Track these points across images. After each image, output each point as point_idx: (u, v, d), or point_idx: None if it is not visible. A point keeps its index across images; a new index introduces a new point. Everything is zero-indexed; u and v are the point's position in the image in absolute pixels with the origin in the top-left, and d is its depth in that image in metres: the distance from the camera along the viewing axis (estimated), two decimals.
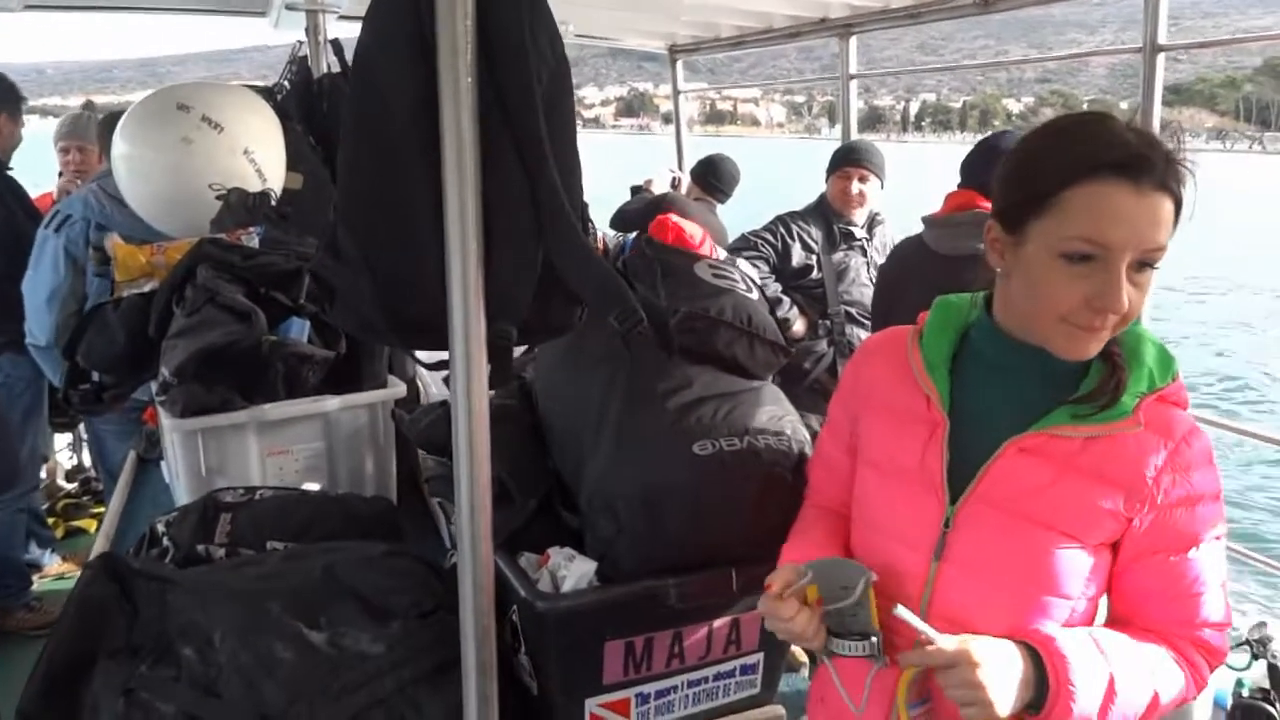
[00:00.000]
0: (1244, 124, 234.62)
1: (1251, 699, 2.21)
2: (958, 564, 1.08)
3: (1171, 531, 1.04)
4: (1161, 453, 1.02)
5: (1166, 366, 1.07)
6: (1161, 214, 0.97)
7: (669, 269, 1.57)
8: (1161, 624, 1.07)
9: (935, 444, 1.11)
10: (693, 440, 1.35)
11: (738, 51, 5.42)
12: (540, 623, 1.33)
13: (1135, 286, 0.99)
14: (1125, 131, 0.99)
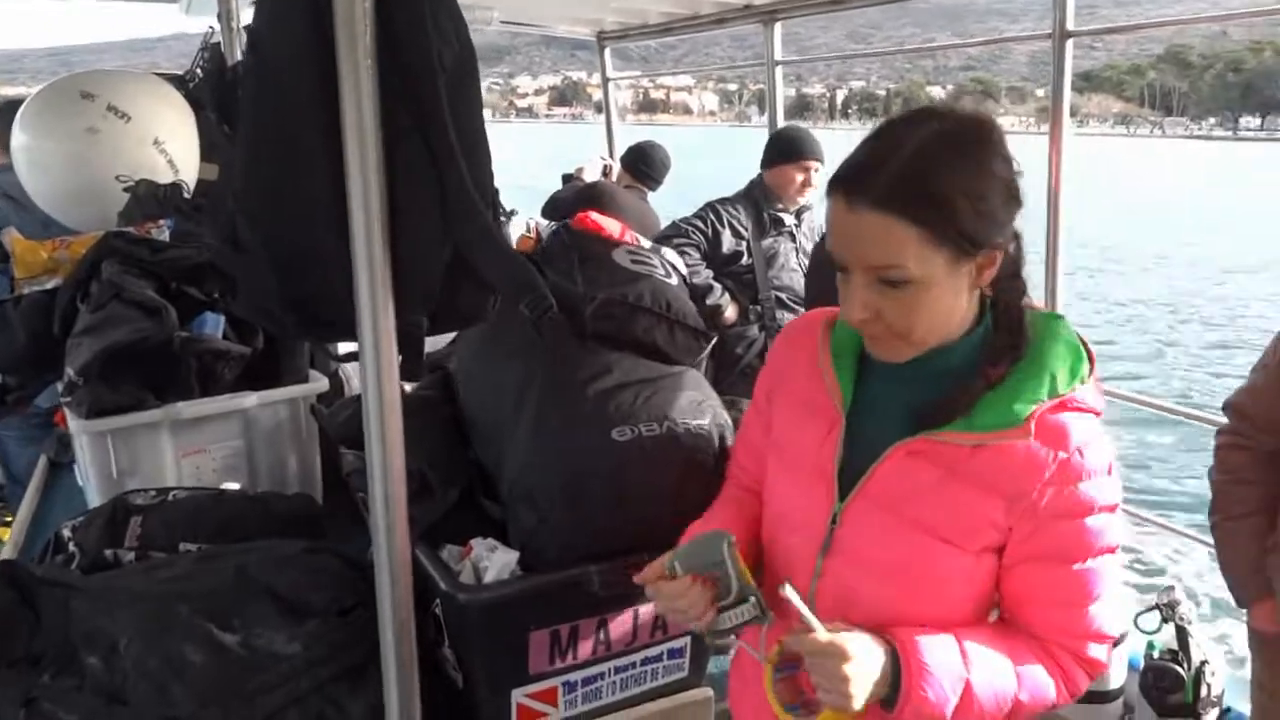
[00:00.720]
0: (1148, 110, 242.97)
1: (1161, 660, 2.30)
2: (843, 560, 1.08)
3: (1054, 542, 1.01)
4: (1050, 464, 0.99)
5: (1074, 369, 1.02)
6: (881, 233, 0.93)
7: (586, 255, 1.56)
8: (1041, 630, 1.05)
9: (831, 440, 1.09)
10: (612, 427, 1.35)
11: (670, 39, 5.41)
12: (462, 615, 1.32)
13: (894, 301, 0.96)
14: (869, 146, 0.97)
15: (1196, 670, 2.27)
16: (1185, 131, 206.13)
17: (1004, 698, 1.01)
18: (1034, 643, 1.05)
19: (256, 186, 1.11)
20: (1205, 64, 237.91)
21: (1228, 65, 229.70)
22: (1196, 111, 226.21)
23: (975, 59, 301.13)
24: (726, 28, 4.79)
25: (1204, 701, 2.27)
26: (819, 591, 1.09)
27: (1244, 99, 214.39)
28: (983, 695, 0.99)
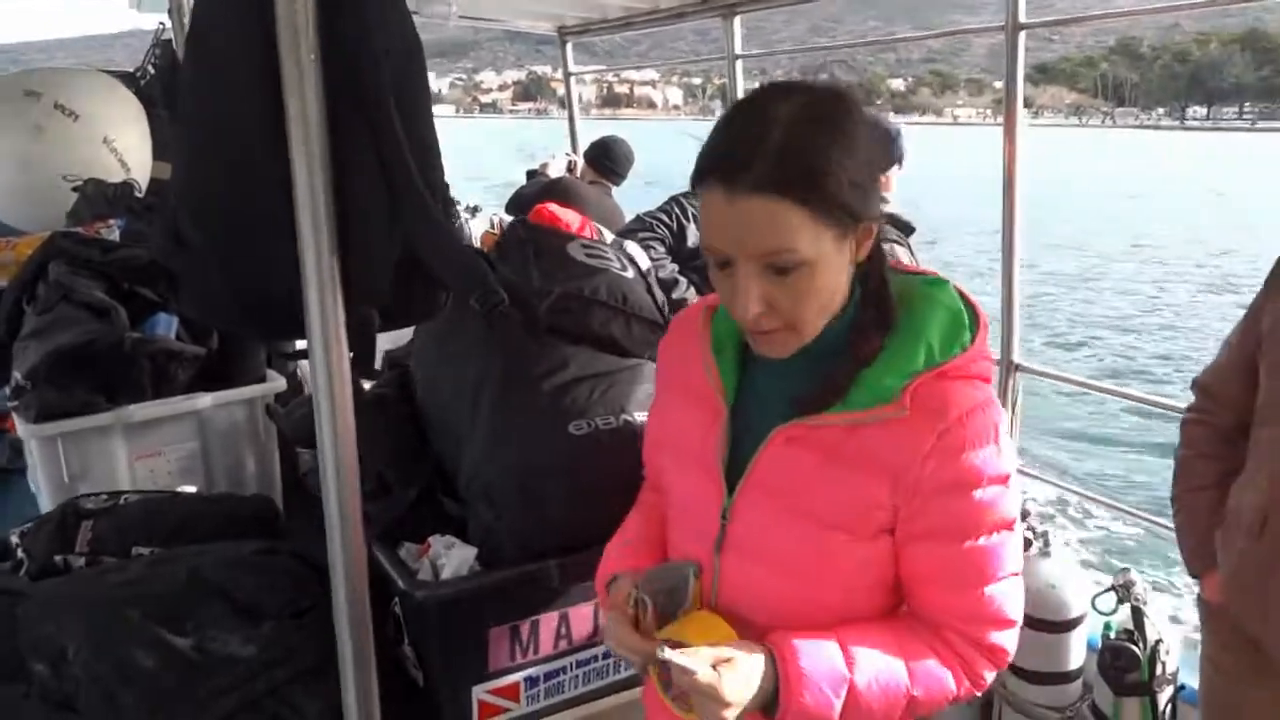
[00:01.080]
0: (1100, 100, 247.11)
1: (1118, 640, 2.34)
2: (738, 554, 1.03)
3: (942, 518, 0.95)
4: (930, 437, 0.93)
5: (953, 337, 0.97)
6: (767, 217, 0.87)
7: (542, 250, 1.55)
8: (937, 615, 0.99)
9: (715, 432, 1.04)
10: (568, 420, 1.34)
11: (632, 33, 5.39)
12: (420, 613, 1.31)
13: (785, 288, 0.91)
14: (736, 126, 0.92)
15: (1152, 649, 2.31)
16: (1135, 121, 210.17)
17: (895, 695, 0.96)
18: (930, 632, 1.00)
19: (198, 182, 1.09)
20: (1155, 55, 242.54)
21: (1175, 57, 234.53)
22: (1146, 102, 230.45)
23: (937, 52, 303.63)
24: (687, 21, 4.79)
25: (1159, 679, 2.32)
26: (720, 588, 1.05)
27: (1190, 90, 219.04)
28: (869, 695, 0.95)
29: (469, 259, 1.10)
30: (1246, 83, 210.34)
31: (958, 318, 0.98)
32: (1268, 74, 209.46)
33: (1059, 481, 4.31)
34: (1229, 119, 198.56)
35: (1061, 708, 2.56)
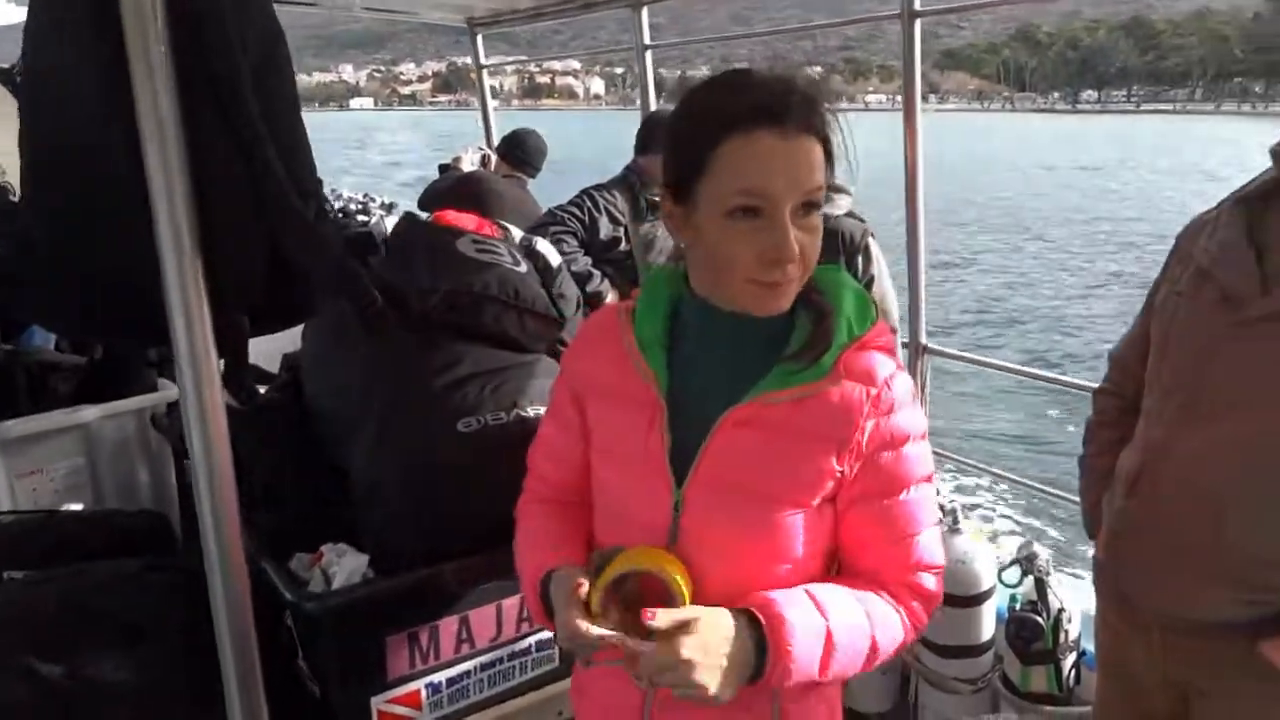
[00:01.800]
0: (1002, 86, 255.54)
1: (1023, 611, 2.41)
2: (692, 547, 1.03)
3: (880, 476, 1.02)
4: (865, 401, 1.01)
5: (864, 313, 1.06)
6: (813, 156, 0.98)
7: (430, 246, 1.52)
8: (878, 569, 1.05)
9: (656, 428, 1.05)
10: (458, 419, 1.32)
11: (554, 23, 5.33)
12: (312, 624, 1.27)
13: (805, 231, 0.99)
14: (763, 80, 0.99)
15: (1055, 618, 2.39)
16: (1032, 105, 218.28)
17: (862, 640, 1.00)
18: (872, 584, 1.05)
19: (43, 181, 1.03)
20: (1051, 42, 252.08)
21: (1068, 43, 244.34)
22: (1043, 87, 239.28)
23: (853, 39, 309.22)
24: (596, 12, 4.76)
25: (1063, 646, 2.40)
26: None
27: (1081, 74, 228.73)
28: (842, 642, 0.98)
29: (339, 259, 1.06)
30: (1132, 67, 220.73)
31: (862, 295, 1.08)
32: (1151, 59, 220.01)
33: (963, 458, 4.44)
34: (1118, 101, 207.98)
35: (974, 679, 2.63)
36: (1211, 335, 1.39)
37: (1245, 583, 1.36)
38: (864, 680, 2.92)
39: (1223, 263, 1.43)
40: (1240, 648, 1.37)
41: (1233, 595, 1.37)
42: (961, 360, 3.56)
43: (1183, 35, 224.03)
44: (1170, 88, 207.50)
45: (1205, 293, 1.42)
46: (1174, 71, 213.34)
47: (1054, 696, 2.44)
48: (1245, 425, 1.33)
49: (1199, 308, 1.42)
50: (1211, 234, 1.47)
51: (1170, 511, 1.44)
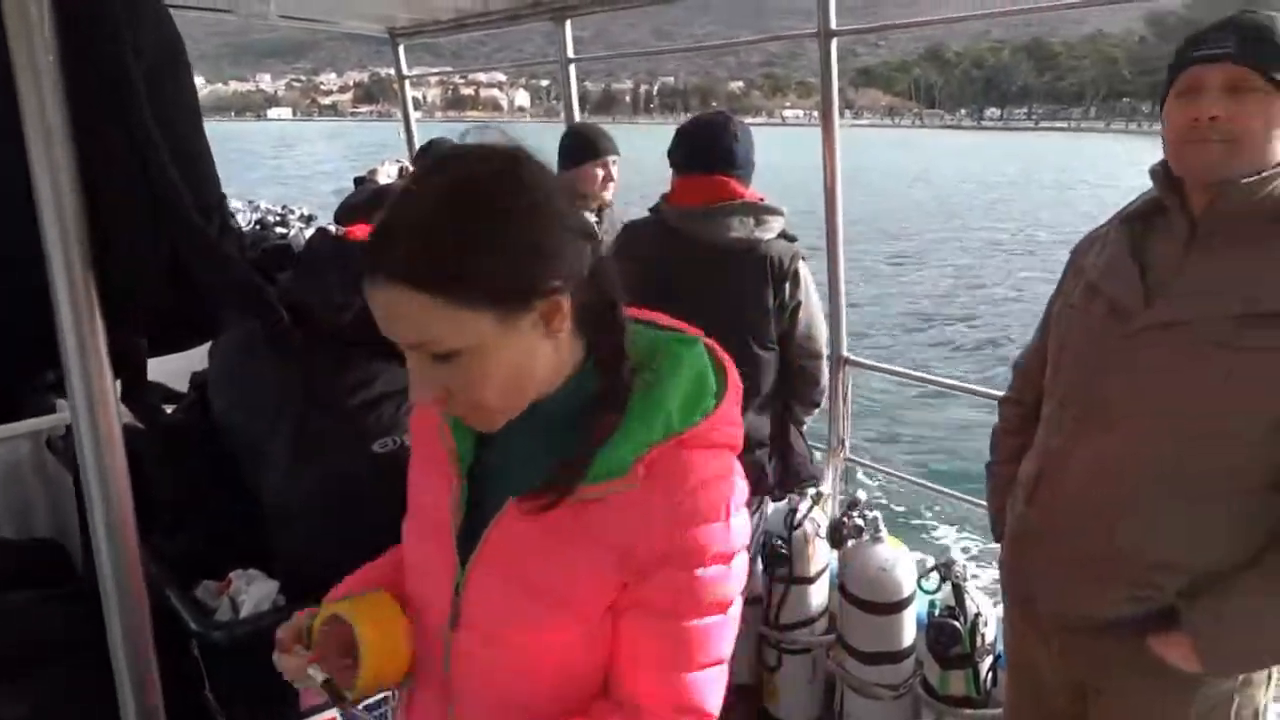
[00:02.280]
0: (912, 102, 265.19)
1: (942, 617, 2.47)
2: (472, 633, 0.96)
3: (661, 592, 0.90)
4: (660, 509, 0.88)
5: (697, 403, 0.92)
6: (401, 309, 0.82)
7: (343, 261, 1.48)
8: (637, 696, 0.93)
9: (447, 501, 0.98)
10: (373, 439, 1.28)
11: (480, 35, 5.28)
12: (218, 655, 1.22)
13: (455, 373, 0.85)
14: (387, 210, 0.84)
15: (972, 623, 2.45)
16: (940, 122, 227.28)
17: None
18: (626, 713, 0.93)
19: None
20: (958, 61, 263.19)
21: (973, 63, 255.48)
22: (951, 104, 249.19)
23: (776, 55, 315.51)
24: (520, 24, 4.75)
25: (980, 650, 2.46)
26: (453, 670, 0.99)
27: (986, 93, 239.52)
28: None
29: (242, 275, 1.03)
30: (1032, 86, 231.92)
31: (702, 381, 0.94)
32: (1049, 79, 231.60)
33: (880, 466, 4.53)
34: (1019, 119, 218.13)
35: (896, 685, 2.68)
36: (1102, 348, 1.46)
37: (1135, 582, 1.42)
38: (790, 689, 2.95)
39: (1110, 277, 1.50)
40: (1130, 646, 1.44)
41: (1123, 594, 1.44)
42: (880, 371, 3.63)
43: (1078, 57, 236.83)
44: (1067, 106, 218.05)
45: (1095, 306, 1.49)
46: (1070, 91, 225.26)
47: (972, 699, 2.50)
48: (1132, 434, 1.40)
49: (1090, 321, 1.49)
50: (1101, 250, 1.55)
51: (1066, 518, 1.51)
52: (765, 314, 2.23)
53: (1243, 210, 1.31)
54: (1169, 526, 1.37)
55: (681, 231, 2.26)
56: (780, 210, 2.30)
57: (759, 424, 2.34)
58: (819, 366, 2.42)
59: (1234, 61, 1.27)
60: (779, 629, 2.88)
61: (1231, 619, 1.33)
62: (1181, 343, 1.33)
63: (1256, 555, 1.33)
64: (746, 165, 2.31)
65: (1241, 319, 1.27)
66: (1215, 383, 1.29)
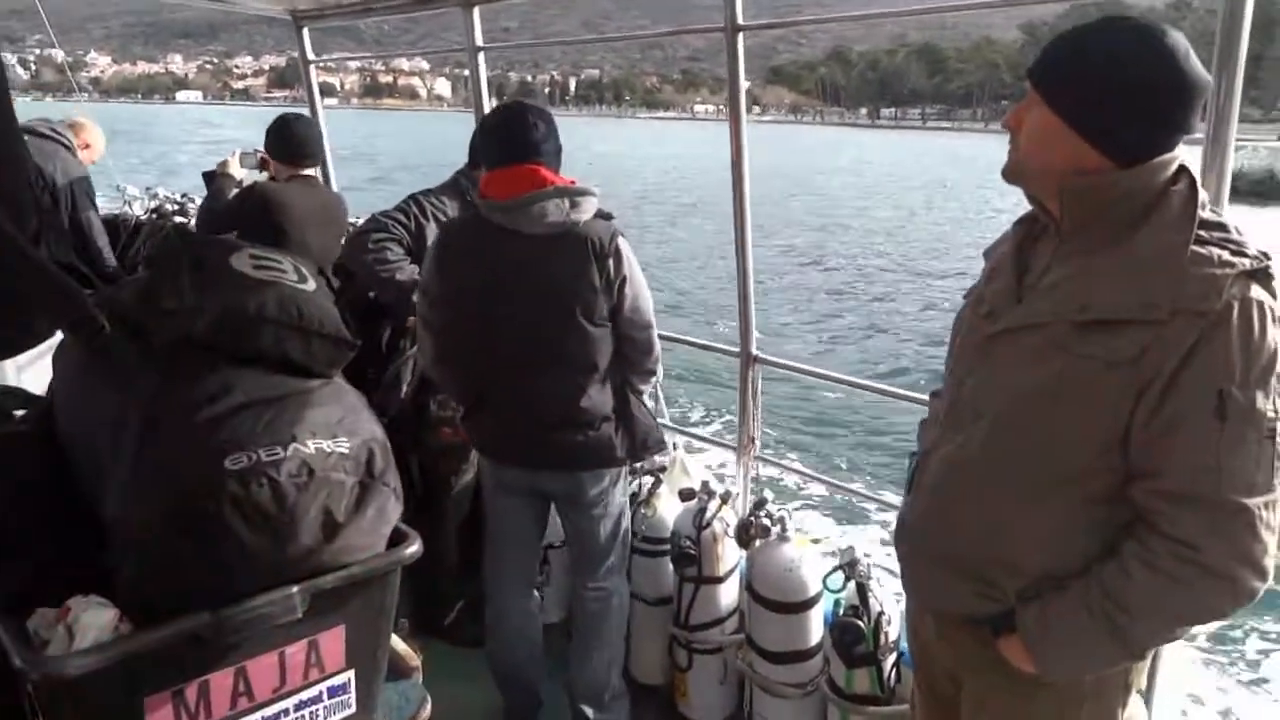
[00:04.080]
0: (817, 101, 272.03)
1: (846, 616, 2.48)
2: None
3: None
4: None
5: None
6: None
7: (200, 262, 1.37)
8: None
9: None
10: (225, 454, 1.18)
11: (403, 22, 5.10)
12: (53, 691, 1.12)
13: None
14: None
15: (875, 621, 2.46)
16: (838, 120, 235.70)
17: None
18: None
19: None
20: (859, 61, 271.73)
21: (869, 64, 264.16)
22: (851, 103, 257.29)
23: (700, 51, 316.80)
24: (427, 10, 4.60)
25: (884, 648, 2.47)
26: None
27: (881, 93, 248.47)
28: None
29: (57, 281, 0.93)
30: (923, 89, 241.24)
31: None
32: (939, 81, 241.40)
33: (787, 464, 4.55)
34: (912, 120, 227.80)
35: (803, 684, 2.68)
36: (974, 347, 1.49)
37: (981, 580, 1.45)
38: (701, 689, 2.93)
39: (992, 278, 1.53)
40: (983, 642, 1.47)
41: (972, 592, 1.47)
42: (790, 369, 3.63)
43: (964, 62, 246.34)
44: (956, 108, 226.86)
45: (978, 306, 1.52)
46: (957, 93, 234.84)
47: (877, 697, 2.51)
48: (982, 435, 1.42)
49: (973, 320, 1.53)
50: (997, 249, 1.57)
51: (926, 514, 1.55)
52: (594, 292, 2.29)
53: (1086, 215, 1.33)
54: (1010, 529, 1.40)
55: (501, 224, 2.30)
56: (593, 191, 2.35)
57: (601, 399, 2.40)
58: (649, 337, 2.48)
59: (1030, 76, 1.35)
60: (689, 629, 2.86)
61: (1056, 624, 1.36)
62: (1031, 346, 1.35)
63: (1087, 564, 1.35)
64: (552, 151, 2.35)
65: (1079, 325, 1.29)
66: (1051, 388, 1.31)
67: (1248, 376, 1.20)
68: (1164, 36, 1.24)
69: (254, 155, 3.96)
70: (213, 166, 3.99)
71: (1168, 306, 1.21)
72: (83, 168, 4.39)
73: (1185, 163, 1.31)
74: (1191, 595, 1.26)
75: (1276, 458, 1.22)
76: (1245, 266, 1.22)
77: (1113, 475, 1.31)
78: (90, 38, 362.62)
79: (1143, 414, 1.25)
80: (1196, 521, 1.23)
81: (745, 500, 3.18)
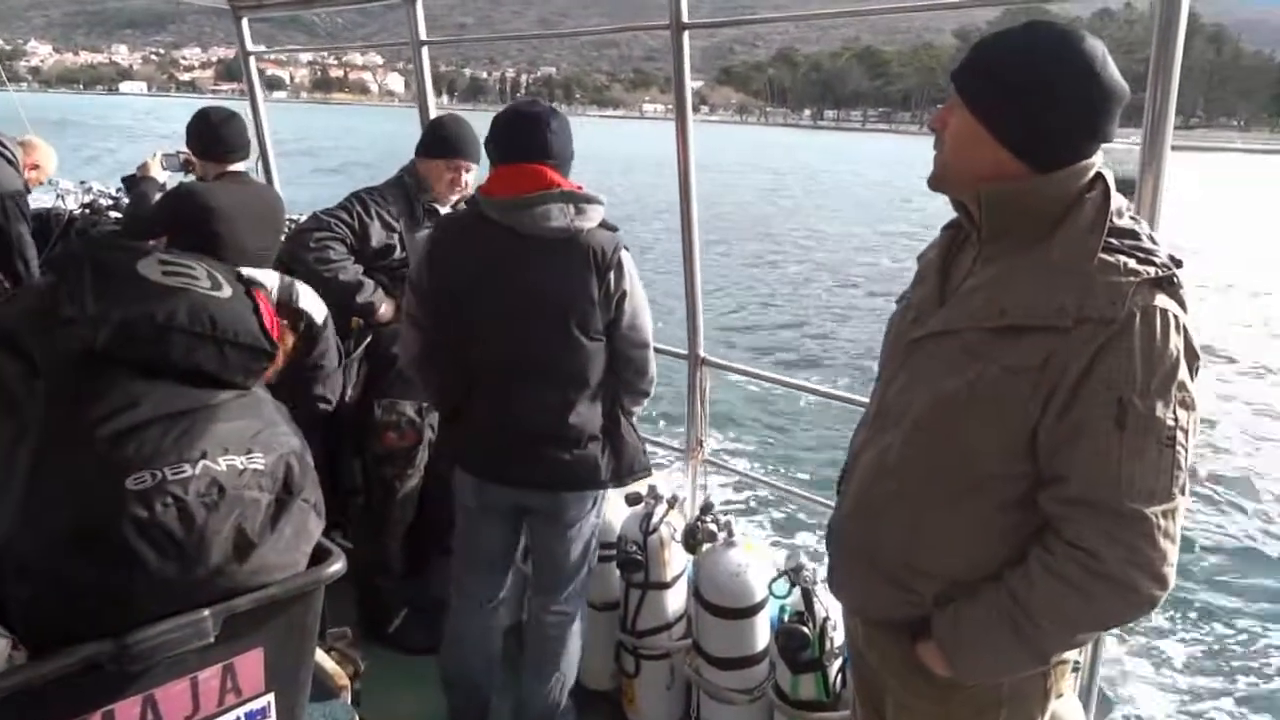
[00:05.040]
0: (764, 102, 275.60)
1: (791, 622, 2.46)
2: None
3: None
4: None
5: None
6: None
7: (100, 269, 1.29)
8: None
9: None
10: (127, 473, 1.12)
11: (356, 15, 5.01)
12: None
13: None
14: None
15: (821, 626, 2.45)
16: (782, 120, 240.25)
17: None
18: None
19: None
20: (804, 63, 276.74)
21: (812, 66, 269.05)
22: (795, 104, 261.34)
23: (655, 50, 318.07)
24: (369, 2, 4.53)
25: (829, 654, 2.46)
26: None
27: (824, 96, 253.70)
28: None
29: None
30: (864, 91, 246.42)
31: None
32: (880, 84, 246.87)
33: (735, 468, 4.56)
34: (853, 121, 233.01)
35: (750, 690, 2.67)
36: (900, 351, 1.50)
37: (900, 585, 1.46)
38: (649, 695, 2.90)
39: (918, 283, 1.53)
40: (903, 645, 1.49)
41: (891, 596, 1.47)
42: (737, 372, 3.62)
43: (904, 65, 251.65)
44: (897, 110, 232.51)
45: (906, 311, 1.52)
46: (896, 96, 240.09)
47: (823, 703, 2.50)
48: (901, 439, 1.43)
49: (901, 324, 1.54)
50: (926, 254, 1.57)
51: (851, 517, 1.55)
52: (591, 303, 2.20)
53: (1004, 220, 1.33)
54: (928, 533, 1.40)
55: (500, 222, 2.20)
56: (599, 199, 2.25)
57: (590, 417, 2.30)
58: (646, 356, 2.39)
59: (954, 80, 1.35)
60: (636, 635, 2.83)
61: (967, 629, 1.37)
62: (950, 351, 1.36)
63: (1001, 569, 1.36)
64: (564, 155, 2.26)
65: (995, 331, 1.30)
66: (965, 393, 1.31)
67: (1148, 385, 1.21)
68: (1082, 43, 1.25)
69: (176, 157, 3.81)
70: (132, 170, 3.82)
71: (1073, 313, 1.22)
72: (18, 181, 4.18)
73: (1102, 170, 1.32)
74: (1092, 602, 1.27)
75: (1177, 466, 1.23)
76: (1151, 275, 1.23)
77: (1025, 481, 1.32)
78: (30, 26, 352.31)
79: (1049, 420, 1.25)
80: (1097, 529, 1.24)
81: (693, 504, 3.16)
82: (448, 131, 3.29)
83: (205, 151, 3.44)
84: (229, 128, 3.42)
